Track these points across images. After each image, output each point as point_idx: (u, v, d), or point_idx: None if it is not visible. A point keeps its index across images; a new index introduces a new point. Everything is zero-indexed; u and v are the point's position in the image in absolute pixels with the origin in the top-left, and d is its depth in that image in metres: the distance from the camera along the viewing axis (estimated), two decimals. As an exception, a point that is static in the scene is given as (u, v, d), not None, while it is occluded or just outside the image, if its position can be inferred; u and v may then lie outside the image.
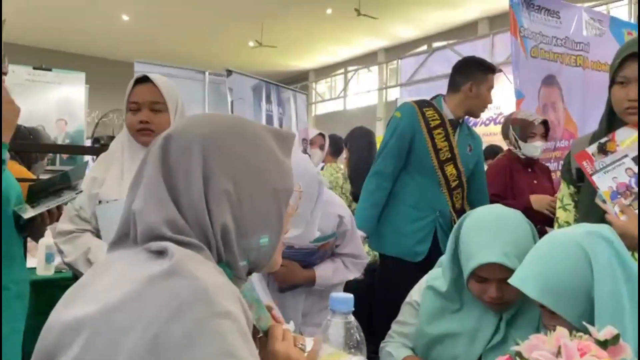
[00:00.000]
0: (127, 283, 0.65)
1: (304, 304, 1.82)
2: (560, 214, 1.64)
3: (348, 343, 0.76)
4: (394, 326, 1.47)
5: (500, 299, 1.22)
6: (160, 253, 0.68)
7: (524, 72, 3.18)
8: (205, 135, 0.73)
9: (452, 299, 1.34)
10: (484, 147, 2.94)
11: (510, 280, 1.10)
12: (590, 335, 0.86)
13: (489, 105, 2.46)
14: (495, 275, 1.20)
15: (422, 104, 2.35)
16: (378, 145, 2.80)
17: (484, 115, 5.75)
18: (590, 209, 1.47)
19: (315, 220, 1.71)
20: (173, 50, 12.16)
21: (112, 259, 0.74)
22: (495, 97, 5.51)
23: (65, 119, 5.06)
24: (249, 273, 0.78)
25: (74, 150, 4.52)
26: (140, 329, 0.60)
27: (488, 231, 1.23)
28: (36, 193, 1.33)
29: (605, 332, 0.85)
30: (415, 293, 1.45)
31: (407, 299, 1.46)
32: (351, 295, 0.78)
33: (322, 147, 3.44)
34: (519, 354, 0.84)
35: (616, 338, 0.85)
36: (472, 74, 2.37)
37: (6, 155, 1.20)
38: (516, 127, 2.59)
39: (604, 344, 0.84)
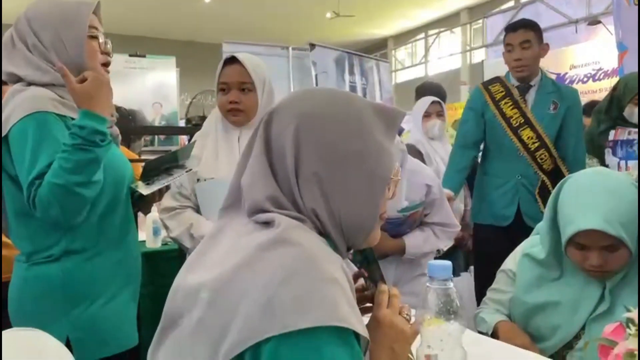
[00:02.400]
0: (239, 252, 0.69)
1: (395, 273, 1.84)
2: None
3: (448, 309, 0.77)
4: (488, 293, 1.45)
5: (603, 267, 1.16)
6: (267, 223, 0.72)
7: (626, 22, 2.92)
8: (301, 114, 0.74)
9: (552, 267, 1.29)
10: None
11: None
12: None
13: (589, 61, 2.34)
14: (596, 242, 1.14)
15: (487, 83, 2.53)
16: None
17: (581, 72, 5.32)
18: None
19: (401, 190, 1.71)
20: (254, 28, 12.35)
21: (224, 228, 0.78)
22: (594, 51, 5.11)
23: (160, 102, 5.38)
24: (348, 249, 0.78)
25: (169, 131, 4.83)
26: (254, 295, 0.64)
27: (588, 195, 1.16)
28: (149, 171, 1.41)
29: None
30: (510, 262, 1.41)
31: (502, 267, 1.43)
32: (449, 262, 0.78)
33: (439, 115, 3.07)
34: (631, 320, 0.80)
35: None
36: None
37: (108, 130, 1.20)
38: None
39: None
